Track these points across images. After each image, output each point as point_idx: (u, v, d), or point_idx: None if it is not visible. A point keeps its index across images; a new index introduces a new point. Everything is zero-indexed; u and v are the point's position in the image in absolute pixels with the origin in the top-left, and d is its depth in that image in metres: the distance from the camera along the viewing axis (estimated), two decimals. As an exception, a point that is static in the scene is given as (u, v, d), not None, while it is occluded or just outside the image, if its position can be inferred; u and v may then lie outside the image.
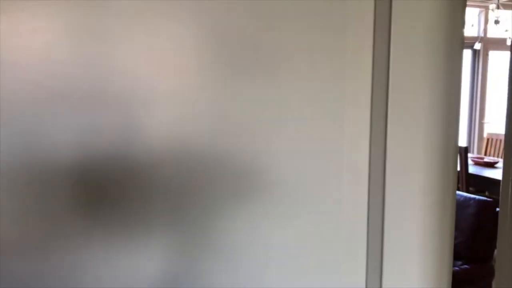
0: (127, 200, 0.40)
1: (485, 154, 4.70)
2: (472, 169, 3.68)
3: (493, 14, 4.17)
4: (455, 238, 2.19)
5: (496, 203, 2.32)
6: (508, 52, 5.58)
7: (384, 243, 0.44)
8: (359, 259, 0.44)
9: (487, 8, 4.81)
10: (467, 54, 6.33)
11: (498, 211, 2.30)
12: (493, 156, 4.61)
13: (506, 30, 4.04)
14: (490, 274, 2.23)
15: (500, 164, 4.02)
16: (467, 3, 4.11)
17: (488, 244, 2.23)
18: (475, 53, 5.27)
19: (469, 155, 3.83)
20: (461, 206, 2.33)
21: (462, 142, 5.77)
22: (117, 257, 0.41)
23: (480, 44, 4.54)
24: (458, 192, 2.45)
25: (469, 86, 5.39)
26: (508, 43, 4.12)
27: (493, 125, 5.60)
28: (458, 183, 3.63)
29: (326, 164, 0.43)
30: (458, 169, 3.59)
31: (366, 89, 0.42)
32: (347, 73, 0.42)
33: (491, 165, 3.97)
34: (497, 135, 4.66)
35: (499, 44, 5.22)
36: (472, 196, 2.33)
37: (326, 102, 0.43)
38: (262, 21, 0.41)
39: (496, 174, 3.60)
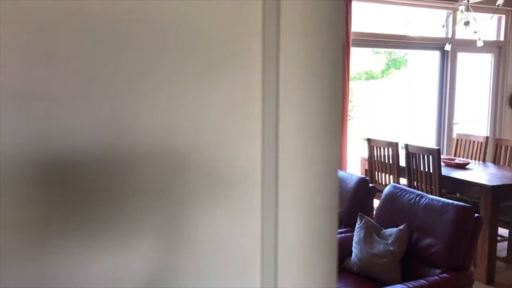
0: (102, 200, 0.41)
1: (455, 155, 4.72)
2: (443, 171, 3.65)
3: (462, 16, 4.17)
4: (433, 245, 2.09)
5: (475, 208, 2.26)
6: (476, 54, 5.65)
7: (278, 245, 0.46)
8: (254, 260, 0.46)
9: (455, 10, 4.84)
10: (435, 55, 6.40)
11: (477, 217, 2.24)
12: (463, 157, 4.63)
13: (475, 32, 4.05)
14: (470, 282, 2.16)
15: (471, 166, 4.03)
16: (437, 4, 4.11)
17: (468, 251, 2.17)
18: (444, 54, 5.30)
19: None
20: (439, 212, 2.26)
21: (431, 143, 5.81)
22: (96, 259, 0.41)
23: (449, 45, 4.55)
24: (435, 197, 2.38)
25: (438, 87, 5.42)
26: (479, 44, 4.14)
27: (462, 126, 5.66)
28: (431, 185, 3.60)
29: (221, 166, 0.44)
30: (431, 171, 3.55)
31: (257, 93, 0.44)
32: (236, 77, 0.43)
33: (462, 166, 3.97)
34: (467, 135, 4.68)
35: (468, 45, 5.27)
36: (450, 201, 2.26)
37: (216, 105, 0.43)
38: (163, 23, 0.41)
39: (467, 175, 3.59)
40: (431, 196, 2.39)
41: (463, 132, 4.90)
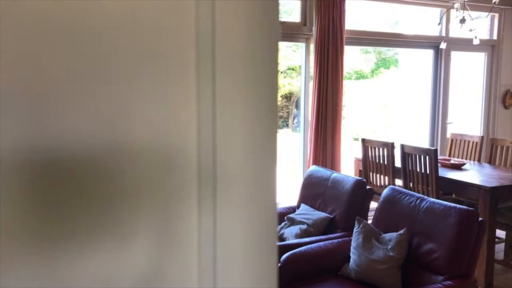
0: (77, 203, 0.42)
1: (449, 155, 4.65)
2: (439, 172, 3.56)
3: (457, 14, 4.10)
4: (435, 251, 1.99)
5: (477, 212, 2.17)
6: (470, 53, 5.60)
7: (216, 245, 0.46)
8: (191, 260, 0.46)
9: (449, 8, 4.77)
10: (427, 54, 6.33)
11: (480, 221, 2.15)
12: (457, 157, 4.56)
13: (471, 30, 3.98)
14: (474, 289, 2.07)
15: (467, 166, 3.96)
16: (431, 2, 4.02)
17: (471, 257, 2.07)
18: (438, 53, 5.23)
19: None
20: (440, 215, 2.16)
21: (425, 143, 5.75)
22: (93, 258, 0.42)
23: (445, 43, 4.48)
24: (436, 200, 2.28)
25: (432, 86, 5.36)
26: (475, 42, 4.07)
27: (456, 125, 5.60)
28: (427, 186, 3.52)
29: (158, 163, 0.44)
30: (428, 172, 3.47)
31: (191, 91, 0.44)
32: (170, 75, 0.44)
33: (457, 167, 3.90)
34: (461, 135, 4.62)
35: (461, 44, 5.21)
36: (453, 205, 2.17)
37: (149, 102, 0.44)
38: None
39: (464, 176, 3.51)
40: (432, 199, 2.29)
41: (457, 132, 4.83)
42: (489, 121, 5.64)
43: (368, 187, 2.82)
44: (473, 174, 3.64)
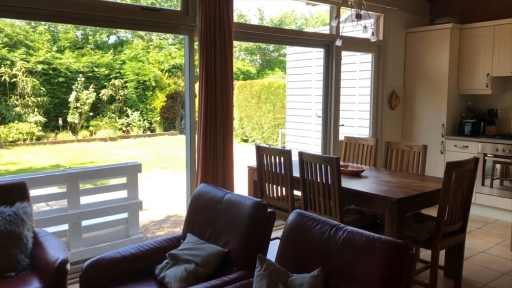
0: None
1: (344, 160, 4.42)
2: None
3: (351, 11, 3.84)
4: None
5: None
6: (359, 53, 5.50)
7: None
8: None
9: (340, 5, 4.54)
10: (320, 53, 6.10)
11: (412, 254, 1.75)
12: (352, 161, 4.34)
13: (365, 26, 3.74)
14: None
15: (366, 173, 3.71)
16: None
17: (402, 302, 1.65)
18: (329, 52, 5.00)
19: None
20: (363, 250, 1.71)
21: (317, 146, 5.51)
22: None
23: (340, 40, 4.21)
24: (355, 229, 1.83)
25: (323, 87, 5.11)
26: (373, 39, 3.84)
27: (347, 127, 5.46)
28: (329, 198, 3.14)
29: None
30: (330, 182, 3.09)
31: None
32: None
33: (357, 174, 3.62)
34: (355, 138, 4.41)
35: (351, 44, 5.05)
36: (377, 236, 1.73)
37: None
38: None
39: (366, 186, 3.20)
40: (350, 228, 1.84)
41: (351, 135, 4.63)
42: (377, 122, 5.61)
43: (269, 210, 2.28)
44: (374, 182, 3.36)
